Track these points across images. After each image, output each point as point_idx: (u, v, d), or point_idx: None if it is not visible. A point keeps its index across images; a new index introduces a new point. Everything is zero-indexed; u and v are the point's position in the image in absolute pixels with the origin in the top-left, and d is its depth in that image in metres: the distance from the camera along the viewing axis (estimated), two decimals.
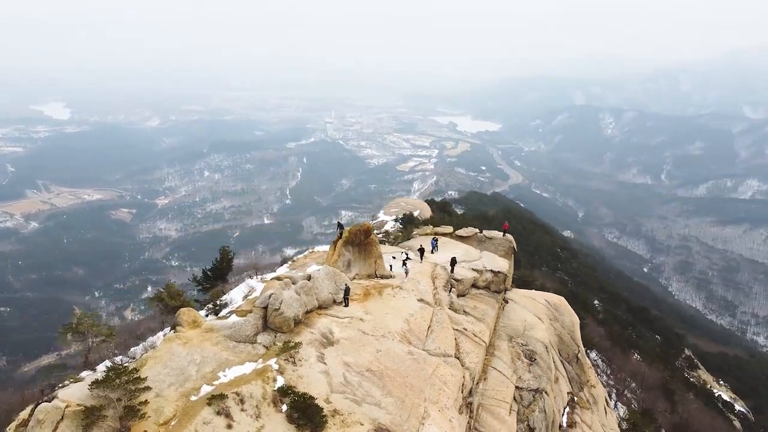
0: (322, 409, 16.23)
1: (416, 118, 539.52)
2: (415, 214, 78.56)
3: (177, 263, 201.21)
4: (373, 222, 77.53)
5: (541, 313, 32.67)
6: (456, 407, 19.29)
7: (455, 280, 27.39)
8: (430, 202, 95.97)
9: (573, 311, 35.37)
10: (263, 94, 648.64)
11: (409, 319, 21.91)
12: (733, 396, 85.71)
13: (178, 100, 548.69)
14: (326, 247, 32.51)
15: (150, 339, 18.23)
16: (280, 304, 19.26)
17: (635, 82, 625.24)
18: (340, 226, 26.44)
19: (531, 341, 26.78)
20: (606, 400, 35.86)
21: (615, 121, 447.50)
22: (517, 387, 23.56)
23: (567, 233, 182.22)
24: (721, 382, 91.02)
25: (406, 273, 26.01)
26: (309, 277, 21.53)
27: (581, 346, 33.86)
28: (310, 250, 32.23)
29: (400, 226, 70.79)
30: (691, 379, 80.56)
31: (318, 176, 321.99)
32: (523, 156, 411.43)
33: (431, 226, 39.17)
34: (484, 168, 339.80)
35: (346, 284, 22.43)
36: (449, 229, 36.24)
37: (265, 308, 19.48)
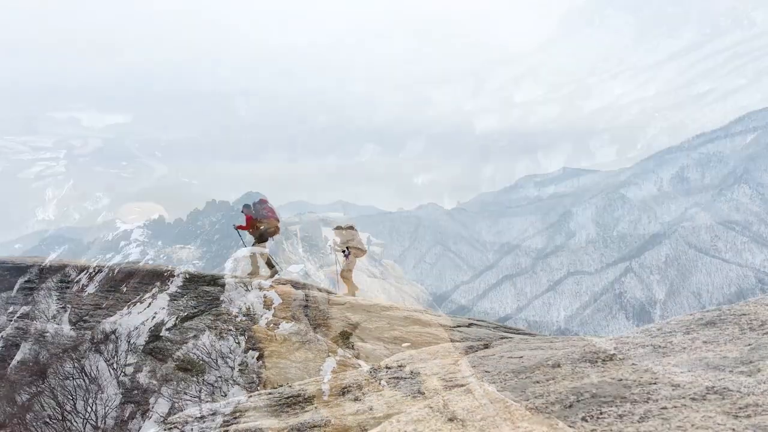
0: (419, 372, 19.72)
1: None
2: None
3: None
4: (116, 233, 68.82)
5: None
6: None
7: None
8: None
9: None
10: None
11: (382, 289, 26.00)
12: None
13: None
14: None
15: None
16: (317, 302, 20.88)
17: None
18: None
19: None
20: None
21: None
22: None
23: None
24: None
25: (346, 257, 28.97)
26: (304, 276, 23.10)
27: None
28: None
29: (149, 231, 65.99)
30: None
31: None
32: None
33: None
34: None
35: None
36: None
37: (304, 308, 20.71)
